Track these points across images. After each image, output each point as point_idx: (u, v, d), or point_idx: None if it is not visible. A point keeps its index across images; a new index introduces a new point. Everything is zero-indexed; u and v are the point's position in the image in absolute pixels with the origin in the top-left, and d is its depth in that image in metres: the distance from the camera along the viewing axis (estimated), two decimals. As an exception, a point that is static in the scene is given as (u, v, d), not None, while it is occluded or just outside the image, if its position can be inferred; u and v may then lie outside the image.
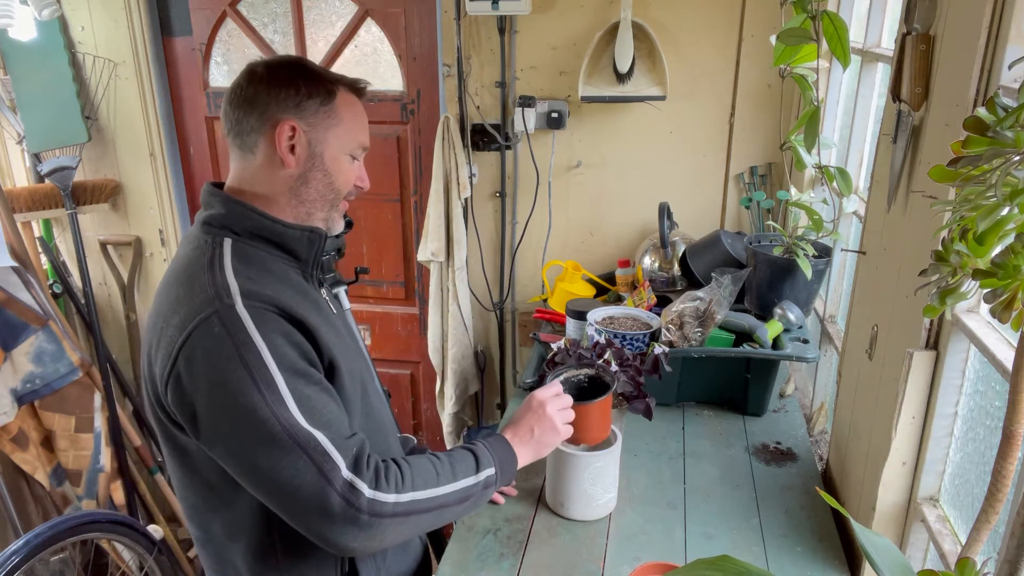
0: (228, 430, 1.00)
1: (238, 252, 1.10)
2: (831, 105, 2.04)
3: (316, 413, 1.02)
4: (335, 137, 1.15)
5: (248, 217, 1.12)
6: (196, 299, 1.03)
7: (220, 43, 2.76)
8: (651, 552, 1.32)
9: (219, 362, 0.99)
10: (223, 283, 1.04)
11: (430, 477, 1.09)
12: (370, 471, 1.03)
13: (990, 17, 0.96)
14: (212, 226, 1.12)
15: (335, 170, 1.17)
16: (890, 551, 0.79)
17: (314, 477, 0.99)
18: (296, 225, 1.14)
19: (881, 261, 1.34)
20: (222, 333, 1.00)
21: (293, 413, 0.99)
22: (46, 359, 2.46)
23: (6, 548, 1.65)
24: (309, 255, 1.17)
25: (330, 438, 1.01)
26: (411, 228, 2.82)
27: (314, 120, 1.13)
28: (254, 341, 1.00)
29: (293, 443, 0.98)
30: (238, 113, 1.13)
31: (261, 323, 1.02)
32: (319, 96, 1.13)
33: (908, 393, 1.14)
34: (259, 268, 1.10)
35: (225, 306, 1.01)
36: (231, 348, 0.99)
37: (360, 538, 1.01)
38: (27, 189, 2.76)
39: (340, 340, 1.16)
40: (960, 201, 0.69)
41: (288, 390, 1.00)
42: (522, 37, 2.42)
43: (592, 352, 1.53)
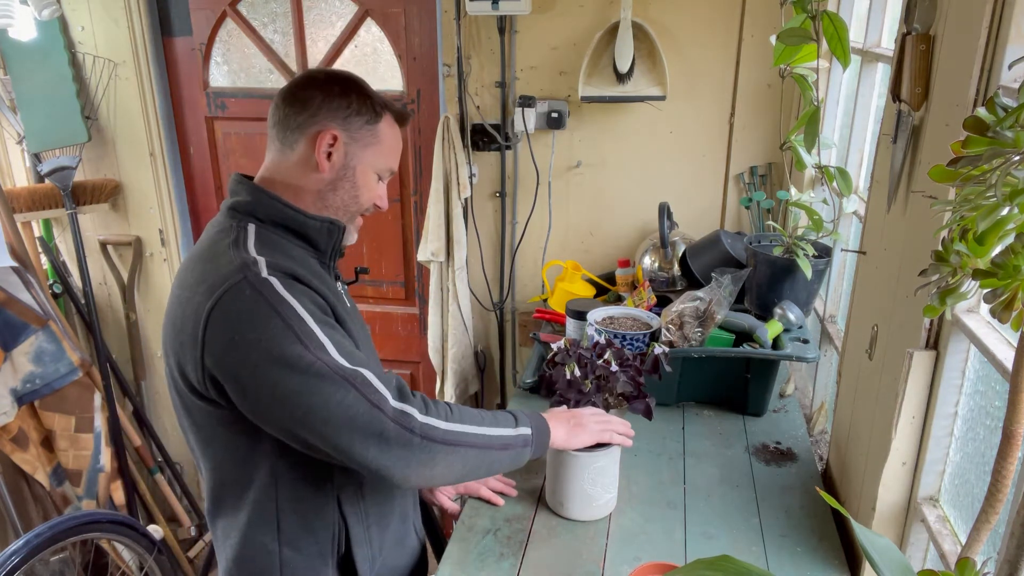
0: (275, 380, 1.04)
1: (260, 237, 1.16)
2: (831, 105, 2.04)
3: (354, 356, 1.09)
4: (371, 155, 1.23)
5: (272, 206, 1.18)
6: (223, 269, 1.09)
7: (220, 43, 2.76)
8: (651, 552, 1.32)
9: (256, 320, 1.05)
10: (248, 256, 1.10)
11: (475, 418, 1.16)
12: (418, 399, 1.11)
13: (990, 17, 0.96)
14: (237, 212, 1.19)
15: (363, 184, 1.23)
16: (890, 551, 0.79)
17: (366, 407, 1.04)
18: (317, 216, 1.20)
19: (881, 261, 1.34)
20: (255, 295, 1.05)
21: (334, 356, 1.06)
22: (46, 359, 2.46)
23: (6, 548, 1.65)
24: (327, 245, 1.23)
25: (374, 373, 1.08)
26: (411, 228, 2.82)
27: (357, 135, 1.20)
28: (285, 297, 1.06)
29: (342, 379, 1.04)
30: (288, 109, 1.19)
31: (288, 285, 1.08)
32: (367, 114, 1.21)
33: (908, 393, 1.14)
34: (281, 252, 1.16)
35: (253, 273, 1.08)
36: (265, 305, 1.05)
37: (413, 463, 1.07)
38: (27, 189, 2.76)
39: (353, 323, 1.23)
40: (960, 201, 0.69)
41: (326, 337, 1.07)
42: (522, 37, 2.42)
43: (592, 352, 1.53)
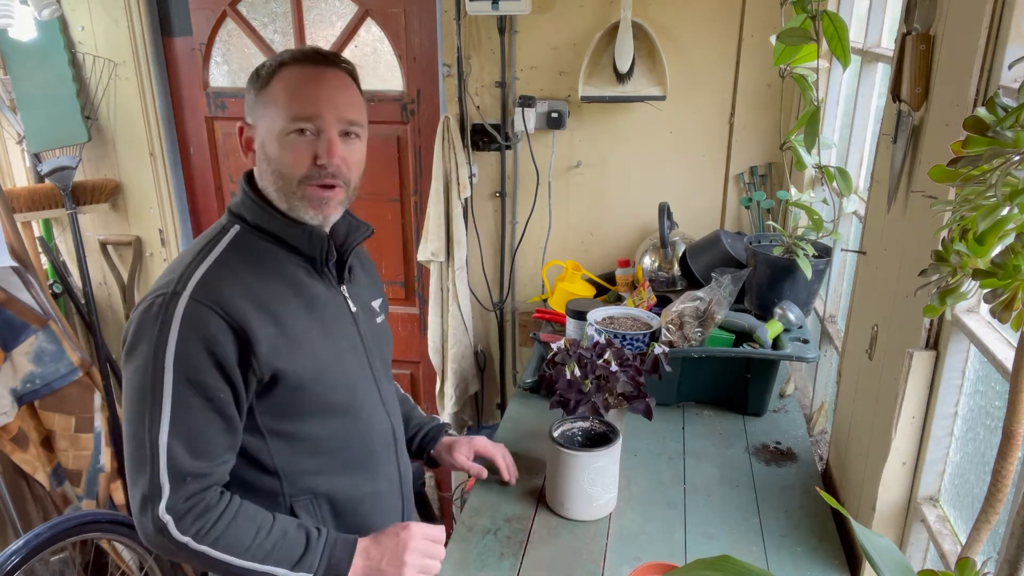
0: (124, 390, 1.11)
1: (240, 241, 1.16)
2: (831, 105, 2.04)
3: (183, 426, 1.07)
4: (267, 120, 1.13)
5: (255, 210, 1.17)
6: (166, 278, 1.11)
7: (220, 43, 2.76)
8: (651, 552, 1.32)
9: (140, 338, 1.08)
10: (191, 272, 1.10)
11: (238, 544, 1.10)
12: (185, 505, 1.07)
13: (990, 17, 0.96)
14: (231, 212, 1.19)
15: (273, 155, 1.13)
16: (890, 551, 0.79)
17: (146, 486, 1.07)
18: (297, 222, 1.17)
19: (881, 261, 1.34)
20: (157, 316, 1.07)
21: (162, 414, 1.06)
22: (46, 359, 2.46)
23: (6, 548, 1.65)
24: (315, 252, 1.19)
25: (171, 455, 1.06)
26: (411, 228, 2.82)
27: (253, 111, 1.16)
28: (169, 336, 1.06)
29: (146, 447, 1.06)
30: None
31: (191, 321, 1.07)
32: (256, 83, 1.15)
33: (908, 393, 1.14)
34: (251, 260, 1.15)
35: (174, 293, 1.08)
36: (153, 332, 1.07)
37: (164, 552, 1.10)
38: (27, 189, 2.76)
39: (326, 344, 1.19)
40: (960, 201, 0.69)
41: (171, 393, 1.06)
42: (522, 37, 2.42)
43: (592, 352, 1.53)
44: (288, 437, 1.18)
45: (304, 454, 1.19)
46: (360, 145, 1.20)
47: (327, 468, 1.22)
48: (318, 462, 1.21)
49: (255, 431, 1.15)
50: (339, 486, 1.24)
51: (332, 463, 1.22)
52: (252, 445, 1.15)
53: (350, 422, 1.23)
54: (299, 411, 1.17)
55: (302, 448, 1.19)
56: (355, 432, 1.24)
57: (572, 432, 1.46)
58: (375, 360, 1.30)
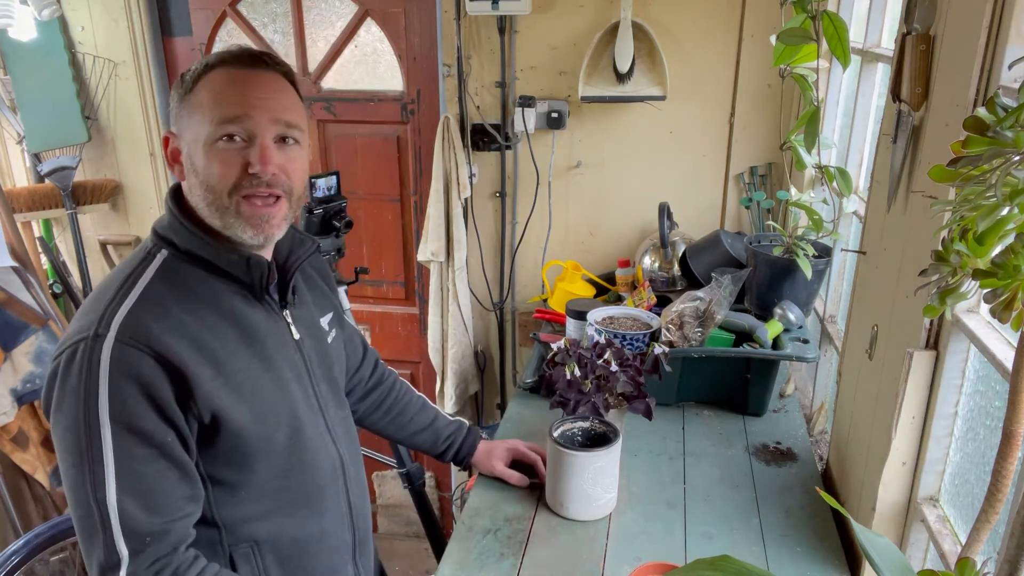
0: (56, 449, 1.00)
1: (168, 269, 1.04)
2: (831, 105, 2.04)
3: (132, 480, 0.96)
4: (192, 127, 1.02)
5: (185, 235, 1.05)
6: (87, 317, 0.99)
7: (220, 43, 2.76)
8: (651, 552, 1.32)
9: (65, 392, 0.97)
10: (114, 310, 0.98)
11: None
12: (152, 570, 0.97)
13: (990, 17, 0.96)
14: (157, 234, 1.07)
15: (199, 165, 1.02)
16: (890, 551, 0.79)
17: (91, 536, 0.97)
18: (232, 250, 1.06)
19: (881, 261, 1.34)
20: (81, 364, 0.96)
21: (105, 471, 0.95)
22: (46, 359, 2.46)
23: (6, 548, 1.65)
24: (253, 279, 1.08)
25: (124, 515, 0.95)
26: (411, 228, 2.82)
27: (179, 121, 1.04)
28: (98, 385, 0.95)
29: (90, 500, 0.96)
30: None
31: (120, 366, 0.95)
32: (180, 91, 1.03)
33: (908, 393, 1.14)
34: (182, 290, 1.04)
35: (95, 337, 0.96)
36: (79, 383, 0.96)
37: None
38: (27, 189, 2.76)
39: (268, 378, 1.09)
40: (960, 201, 0.69)
41: (111, 447, 0.95)
42: (522, 37, 2.42)
43: (592, 352, 1.53)
44: (230, 485, 1.08)
45: (246, 501, 1.10)
46: (300, 152, 1.08)
47: (270, 512, 1.12)
48: (260, 507, 1.11)
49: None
50: (284, 529, 1.14)
51: (275, 506, 1.13)
52: None
53: (295, 460, 1.13)
54: (242, 456, 1.07)
55: (244, 495, 1.09)
56: (300, 470, 1.14)
57: (572, 432, 1.46)
58: (321, 387, 1.20)
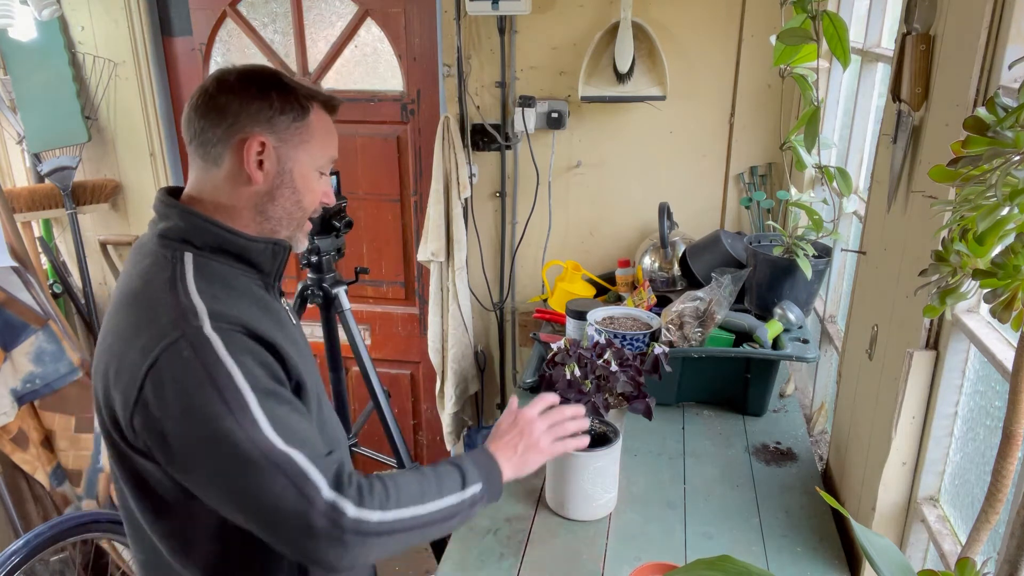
0: (204, 456, 0.98)
1: (199, 268, 1.06)
2: (831, 105, 2.04)
3: (291, 432, 0.99)
4: (306, 154, 1.11)
5: (209, 231, 1.08)
6: (160, 321, 0.99)
7: (220, 43, 2.76)
8: (651, 552, 1.32)
9: (190, 388, 0.96)
10: (188, 304, 1.00)
11: (415, 494, 1.06)
12: (352, 488, 1.01)
13: (990, 17, 0.96)
14: (170, 239, 1.08)
15: (304, 188, 1.12)
16: (890, 551, 0.79)
17: (295, 498, 0.96)
18: (259, 238, 1.11)
19: (881, 261, 1.34)
20: (191, 357, 0.96)
21: (268, 435, 0.96)
22: (46, 359, 2.46)
23: (6, 548, 1.65)
24: (272, 268, 1.13)
25: (308, 457, 0.98)
26: (411, 228, 2.82)
27: (286, 136, 1.08)
28: (224, 363, 0.97)
29: (271, 464, 0.96)
30: (203, 122, 1.08)
31: (230, 344, 0.98)
32: (292, 112, 1.09)
33: (908, 393, 1.14)
34: (222, 284, 1.06)
35: (193, 328, 0.98)
36: (201, 372, 0.96)
37: (345, 556, 0.99)
38: (27, 189, 2.76)
39: (301, 356, 1.13)
40: (960, 201, 0.69)
41: (261, 411, 0.97)
42: (522, 37, 2.42)
43: (592, 352, 1.53)
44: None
45: None
46: None
47: None
48: None
49: None
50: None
51: None
52: None
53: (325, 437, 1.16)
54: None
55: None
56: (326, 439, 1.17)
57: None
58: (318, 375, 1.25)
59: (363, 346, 2.14)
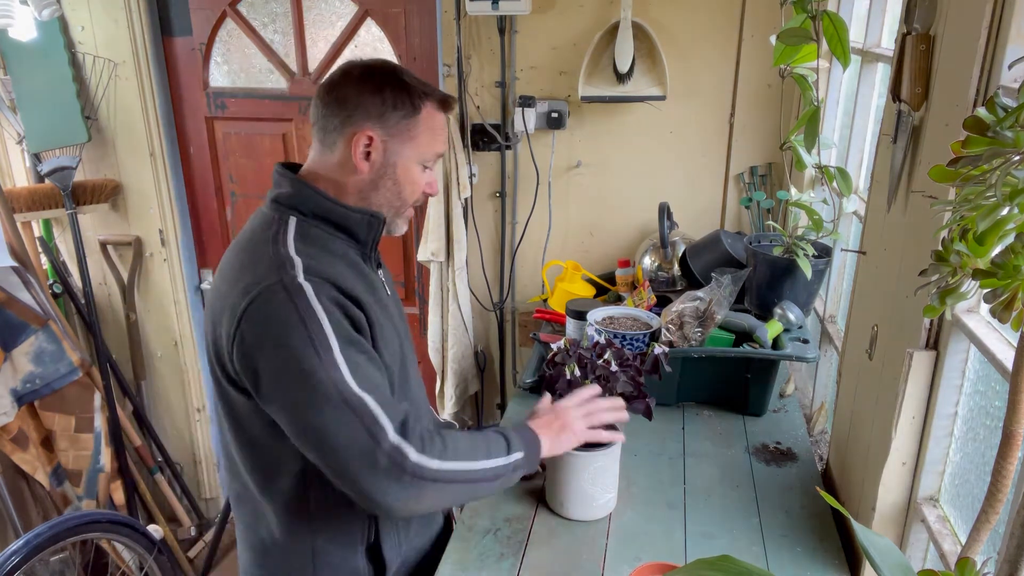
0: (286, 388, 1.07)
1: (301, 231, 1.17)
2: (831, 105, 2.04)
3: (366, 379, 1.08)
4: (411, 149, 1.20)
5: (314, 199, 1.19)
6: (261, 266, 1.11)
7: (220, 43, 2.76)
8: (651, 552, 1.32)
9: (283, 325, 1.06)
10: (287, 255, 1.12)
11: (468, 451, 1.15)
12: (416, 436, 1.09)
13: (990, 17, 0.96)
14: (280, 204, 1.19)
15: (405, 180, 1.22)
16: (890, 551, 0.79)
17: (363, 436, 1.05)
18: (358, 208, 1.20)
19: (881, 261, 1.34)
20: (286, 299, 1.07)
21: (346, 377, 1.06)
22: (46, 359, 2.46)
23: (6, 548, 1.65)
24: (368, 237, 1.23)
25: (379, 402, 1.07)
26: (411, 228, 2.82)
27: (395, 131, 1.18)
28: (314, 309, 1.07)
29: (345, 405, 1.05)
30: (325, 110, 1.19)
31: (320, 294, 1.09)
32: (403, 108, 1.18)
33: (908, 393, 1.14)
34: (320, 248, 1.16)
35: (289, 276, 1.09)
36: (295, 314, 1.06)
37: (401, 497, 1.07)
38: (27, 189, 2.76)
39: (389, 320, 1.23)
40: (960, 201, 0.69)
41: (342, 356, 1.07)
42: (522, 37, 2.42)
43: (592, 352, 1.53)
44: None
45: None
46: None
47: None
48: None
49: None
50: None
51: None
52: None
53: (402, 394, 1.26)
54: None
55: None
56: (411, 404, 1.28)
57: None
58: (407, 345, 1.34)
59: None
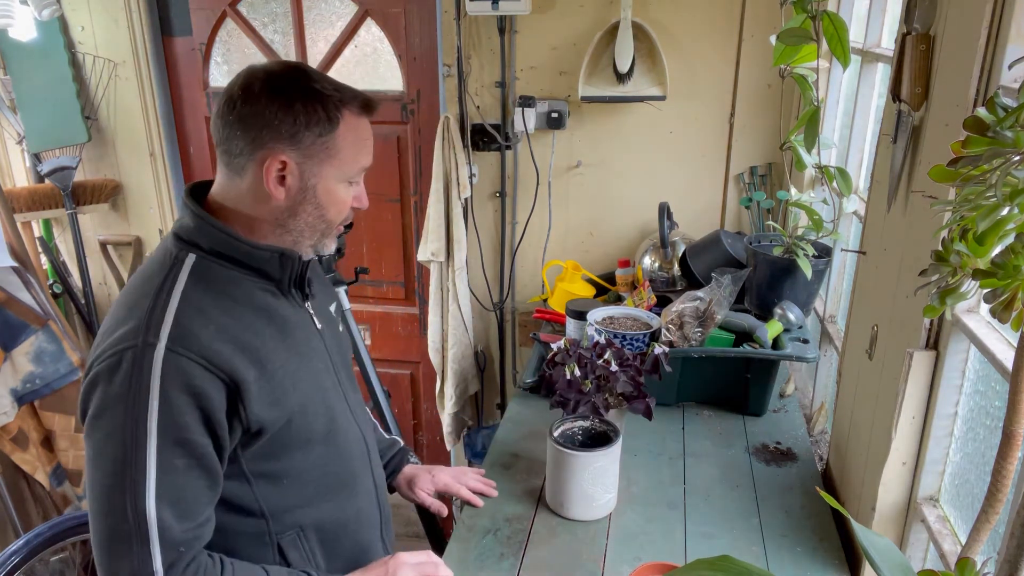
0: (89, 457, 1.01)
1: (199, 272, 1.06)
2: (831, 105, 2.04)
3: (170, 490, 0.98)
4: (332, 168, 1.07)
5: (215, 235, 1.07)
6: (128, 325, 1.01)
7: (220, 43, 2.76)
8: (651, 552, 1.32)
9: (108, 400, 0.99)
10: (159, 316, 1.00)
11: None
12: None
13: (990, 17, 0.96)
14: (180, 239, 1.08)
15: (328, 202, 1.09)
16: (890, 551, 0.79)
17: (125, 549, 0.97)
18: (265, 246, 1.09)
19: (881, 261, 1.34)
20: (126, 373, 0.98)
21: (147, 482, 0.97)
22: (46, 359, 2.46)
23: (6, 548, 1.65)
24: (282, 275, 1.12)
25: (162, 526, 0.97)
26: (411, 228, 2.82)
27: (310, 151, 1.05)
28: (149, 396, 0.97)
29: (123, 514, 0.97)
30: (228, 131, 1.05)
31: (171, 376, 0.98)
32: (319, 126, 1.04)
33: (908, 393, 1.14)
34: (216, 292, 1.06)
35: (146, 345, 0.98)
36: (124, 392, 0.97)
37: None
38: (27, 189, 2.76)
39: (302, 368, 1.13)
40: (960, 201, 0.69)
41: (155, 458, 0.97)
42: (522, 37, 2.42)
43: (592, 352, 1.53)
44: (274, 477, 1.12)
45: (290, 490, 1.14)
46: None
47: (312, 498, 1.17)
48: (303, 494, 1.16)
49: (240, 476, 1.09)
50: (325, 513, 1.19)
51: (317, 492, 1.17)
52: (237, 491, 1.09)
53: (331, 447, 1.18)
54: (285, 449, 1.11)
55: (287, 484, 1.14)
56: (335, 455, 1.19)
57: (572, 432, 1.46)
58: (341, 374, 1.25)
59: (363, 346, 2.14)
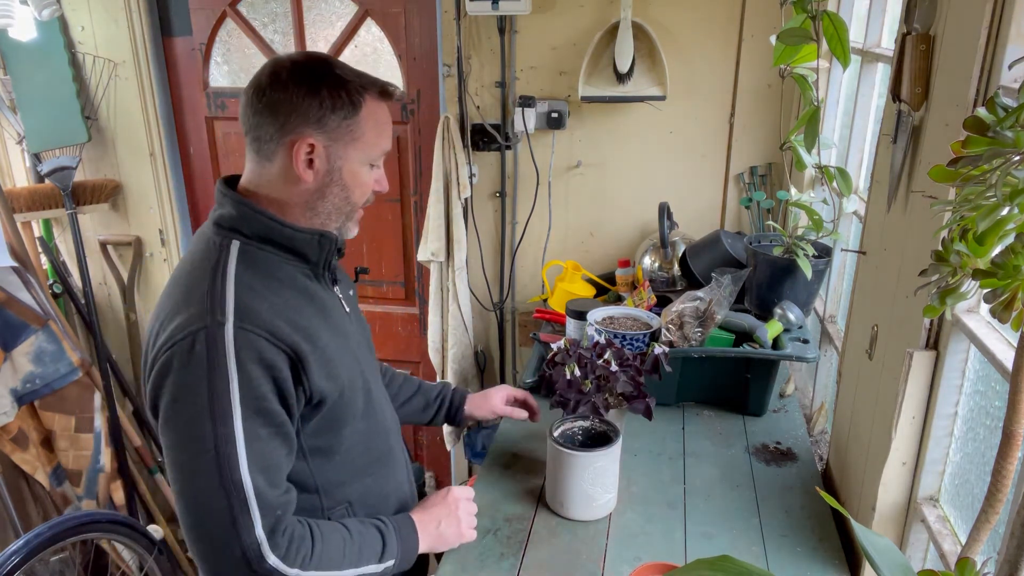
0: (173, 443, 1.04)
1: (245, 256, 1.10)
2: (831, 105, 2.04)
3: (260, 456, 1.03)
4: (356, 150, 1.13)
5: (258, 221, 1.11)
6: (192, 309, 1.04)
7: (220, 43, 2.76)
8: (651, 552, 1.32)
9: (187, 380, 1.02)
10: (220, 297, 1.05)
11: (337, 557, 1.11)
12: (284, 538, 1.05)
13: (990, 17, 0.96)
14: (222, 227, 1.12)
15: (353, 184, 1.15)
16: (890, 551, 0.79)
17: (227, 521, 1.01)
18: (306, 229, 1.14)
19: (881, 261, 1.34)
20: (201, 353, 1.01)
21: (237, 452, 1.01)
22: (46, 359, 2.46)
23: (6, 548, 1.65)
24: (319, 258, 1.17)
25: (258, 492, 1.02)
26: (411, 228, 2.82)
27: (336, 135, 1.10)
28: (228, 370, 1.01)
29: (221, 484, 1.00)
30: (257, 118, 1.10)
31: (244, 349, 1.02)
32: (343, 109, 1.10)
33: (908, 393, 1.14)
34: (264, 275, 1.10)
35: (215, 324, 1.02)
36: (203, 371, 1.01)
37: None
38: (27, 189, 2.76)
39: (343, 343, 1.17)
40: (960, 201, 0.69)
41: (242, 428, 1.02)
42: (522, 37, 2.42)
43: (592, 352, 1.53)
44: (326, 452, 1.18)
45: (339, 466, 1.20)
46: None
47: (359, 472, 1.23)
48: (351, 468, 1.22)
49: (298, 452, 1.14)
50: (368, 487, 1.26)
51: (362, 466, 1.24)
52: (295, 467, 1.13)
53: (371, 422, 1.25)
54: (337, 423, 1.17)
55: (337, 460, 1.19)
56: (374, 430, 1.26)
57: (572, 432, 1.46)
58: (368, 355, 1.31)
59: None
